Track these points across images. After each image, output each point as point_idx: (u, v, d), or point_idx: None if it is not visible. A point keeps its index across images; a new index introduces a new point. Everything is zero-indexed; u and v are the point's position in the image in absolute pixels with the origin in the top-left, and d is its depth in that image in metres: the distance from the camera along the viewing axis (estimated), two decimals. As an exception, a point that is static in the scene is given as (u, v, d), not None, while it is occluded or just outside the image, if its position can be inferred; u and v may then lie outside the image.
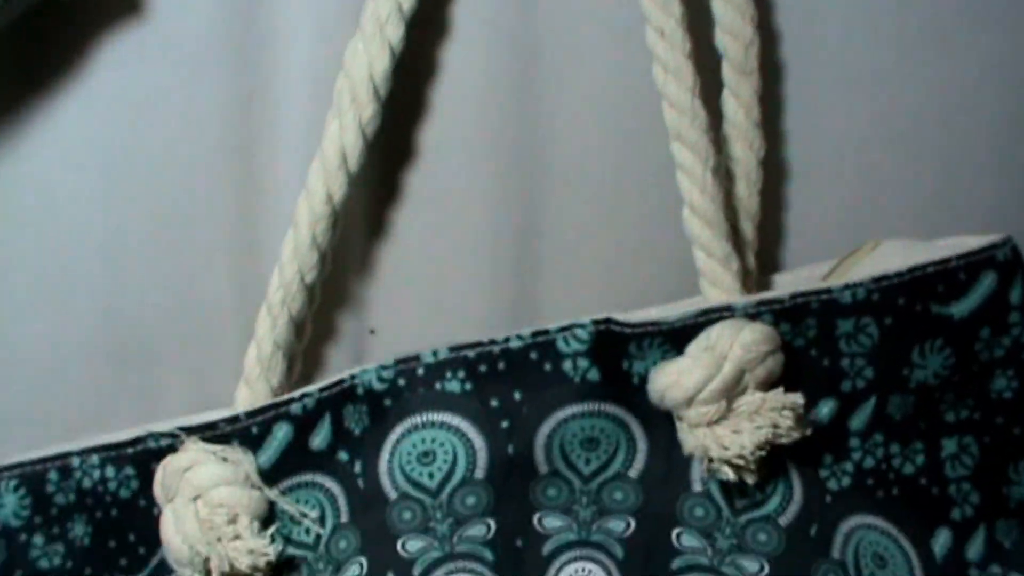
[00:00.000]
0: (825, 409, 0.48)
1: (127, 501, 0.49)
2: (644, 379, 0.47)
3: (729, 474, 0.45)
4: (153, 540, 0.49)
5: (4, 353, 0.55)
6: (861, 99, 0.53)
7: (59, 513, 0.50)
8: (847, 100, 0.53)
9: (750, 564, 0.47)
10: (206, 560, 0.46)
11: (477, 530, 0.47)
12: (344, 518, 0.48)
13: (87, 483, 0.49)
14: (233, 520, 0.47)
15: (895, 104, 0.53)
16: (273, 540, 0.47)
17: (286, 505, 0.48)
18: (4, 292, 0.54)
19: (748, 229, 0.51)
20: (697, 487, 0.48)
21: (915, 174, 0.53)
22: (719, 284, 0.48)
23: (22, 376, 0.55)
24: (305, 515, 0.48)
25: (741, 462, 0.45)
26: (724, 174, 0.50)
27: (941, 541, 0.49)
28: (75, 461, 0.50)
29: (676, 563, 0.47)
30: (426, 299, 0.53)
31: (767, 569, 0.47)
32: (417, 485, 0.47)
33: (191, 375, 0.54)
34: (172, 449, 0.49)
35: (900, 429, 0.48)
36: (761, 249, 0.51)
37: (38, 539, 0.50)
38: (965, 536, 0.49)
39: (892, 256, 0.49)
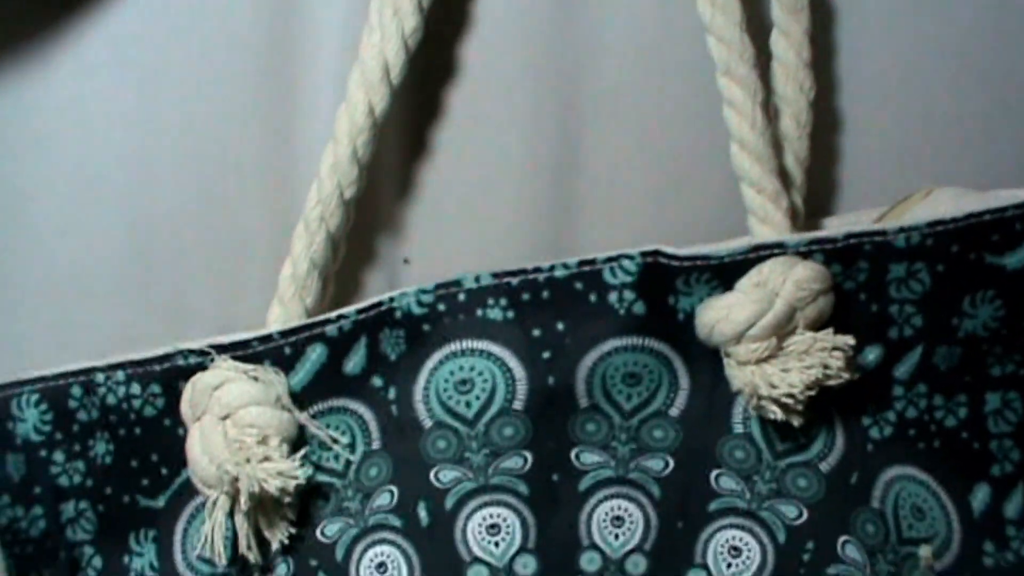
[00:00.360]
0: (871, 356, 0.47)
1: (152, 420, 0.48)
2: (690, 316, 0.46)
3: (777, 413, 0.44)
4: (177, 462, 0.48)
5: (32, 273, 0.53)
6: (915, 45, 0.52)
7: (81, 430, 0.49)
8: (900, 45, 0.52)
9: (788, 509, 0.46)
10: (234, 481, 0.45)
11: (513, 462, 0.46)
12: (376, 445, 0.47)
13: (111, 400, 0.48)
14: (263, 441, 0.46)
15: (951, 51, 0.52)
16: (303, 464, 0.46)
17: (316, 430, 0.47)
18: (33, 210, 0.53)
19: (796, 172, 0.50)
20: (738, 429, 0.47)
21: (971, 123, 0.52)
22: (769, 222, 0.47)
23: (49, 297, 0.54)
24: (336, 441, 0.47)
25: (789, 401, 0.44)
26: (773, 114, 0.49)
27: (980, 497, 0.48)
28: (100, 377, 0.48)
29: (713, 505, 0.46)
30: (462, 226, 0.51)
31: (806, 515, 0.46)
32: (453, 413, 0.46)
33: (221, 295, 0.53)
34: (201, 367, 0.47)
35: (945, 381, 0.47)
36: (808, 195, 0.50)
37: (59, 455, 0.49)
38: (1004, 493, 0.48)
39: (945, 204, 0.48)
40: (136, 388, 0.48)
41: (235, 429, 0.46)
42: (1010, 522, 0.48)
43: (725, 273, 0.46)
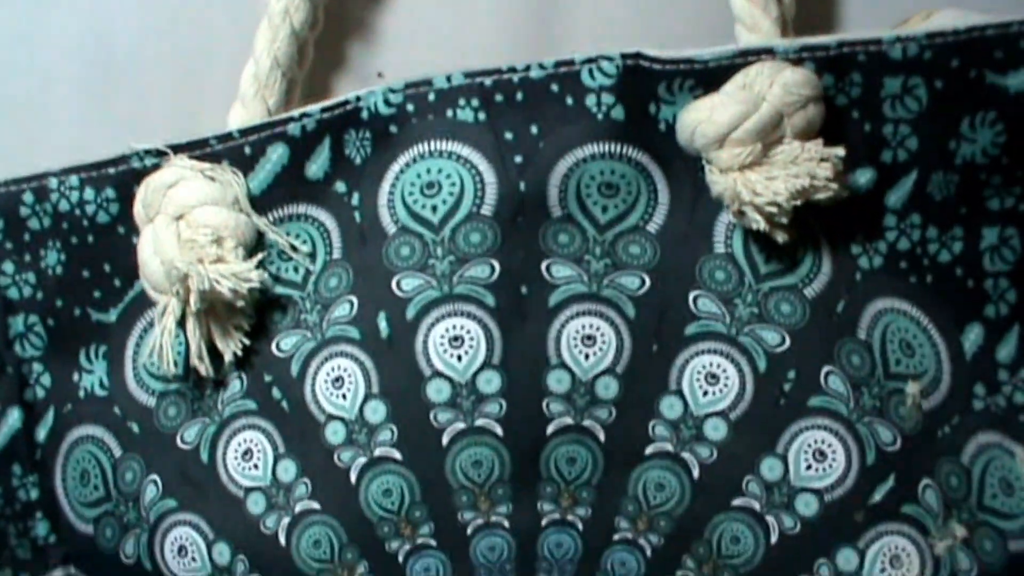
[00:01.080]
0: (863, 179, 0.44)
1: (105, 227, 0.46)
2: (671, 127, 0.44)
3: (760, 223, 0.42)
4: (130, 272, 0.46)
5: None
6: None
7: (32, 239, 0.47)
8: None
9: (770, 336, 0.44)
10: (184, 280, 0.43)
11: (480, 271, 0.44)
12: (337, 254, 0.45)
13: (64, 206, 0.46)
14: (218, 243, 0.43)
15: None
16: (259, 267, 0.44)
17: (276, 236, 0.45)
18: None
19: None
20: (720, 248, 0.44)
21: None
22: (757, 30, 0.44)
23: (6, 109, 0.51)
24: (296, 249, 0.45)
25: (774, 210, 0.42)
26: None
27: (972, 338, 0.45)
28: (53, 183, 0.46)
29: (691, 328, 0.44)
30: (438, 37, 0.49)
31: (788, 342, 0.44)
32: (418, 218, 0.44)
33: (181, 103, 0.50)
34: (157, 170, 0.45)
35: (939, 212, 0.45)
36: (798, 17, 0.47)
37: (8, 266, 0.47)
38: (998, 336, 0.46)
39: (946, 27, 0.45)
40: (90, 193, 0.46)
41: (189, 229, 0.44)
42: (1003, 366, 0.46)
43: (710, 79, 0.43)
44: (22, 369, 0.48)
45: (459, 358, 0.43)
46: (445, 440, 0.43)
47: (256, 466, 0.45)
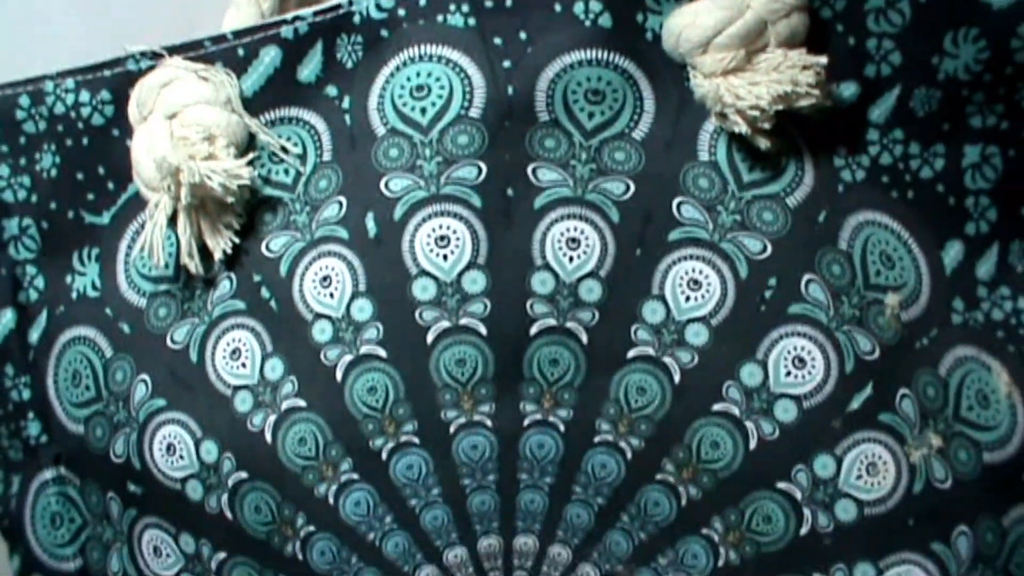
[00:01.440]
0: (846, 93, 0.45)
1: (100, 129, 0.47)
2: (658, 37, 0.45)
3: (742, 126, 0.42)
4: (124, 175, 0.47)
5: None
6: None
7: (28, 143, 0.47)
8: None
9: (752, 243, 0.44)
10: (176, 174, 0.43)
11: (467, 172, 0.44)
12: (327, 157, 0.45)
13: (60, 109, 0.47)
14: (209, 140, 0.44)
15: None
16: (250, 164, 0.44)
17: (267, 137, 0.45)
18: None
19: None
20: (704, 156, 0.45)
21: None
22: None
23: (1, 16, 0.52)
24: (286, 151, 0.45)
25: (756, 114, 0.42)
26: None
27: (952, 254, 0.46)
28: (48, 86, 0.47)
29: (673, 235, 0.45)
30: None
31: (769, 250, 0.44)
32: (407, 120, 0.45)
33: (177, 8, 0.51)
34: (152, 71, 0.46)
35: (922, 128, 0.45)
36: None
37: (3, 170, 0.48)
38: (977, 252, 0.46)
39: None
40: (85, 96, 0.47)
41: (182, 128, 0.44)
42: (982, 283, 0.47)
43: None
44: (16, 271, 0.49)
45: (445, 257, 0.44)
46: (430, 338, 0.44)
47: (244, 365, 0.45)
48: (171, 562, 0.47)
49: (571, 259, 0.44)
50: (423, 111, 0.44)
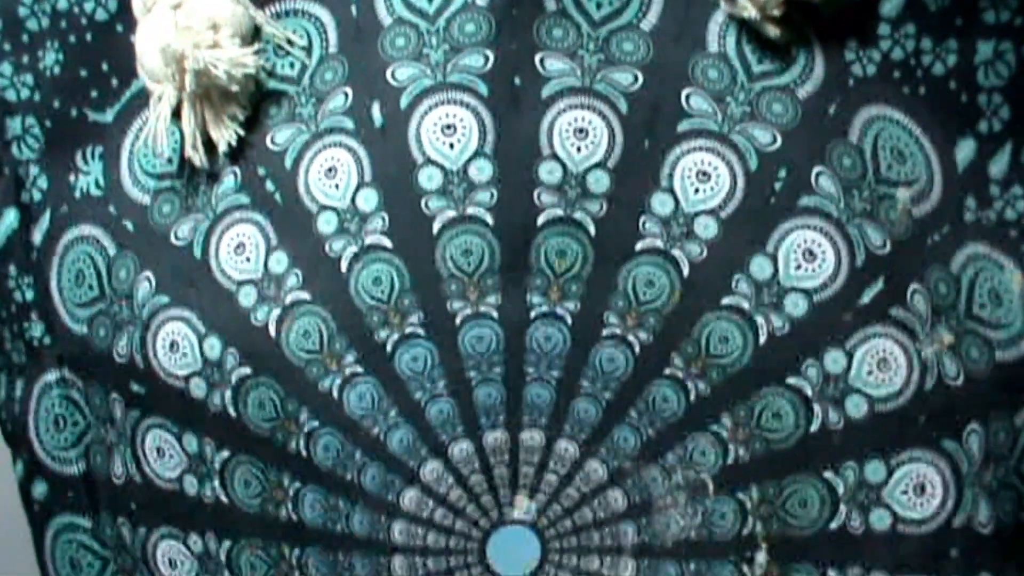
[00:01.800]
0: (856, -16, 0.44)
1: (104, 24, 0.46)
2: (665, -76, 0.44)
3: (750, 10, 0.42)
4: (128, 71, 0.47)
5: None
6: None
7: (31, 40, 0.47)
8: None
9: (762, 134, 0.44)
10: (180, 61, 0.43)
11: (473, 60, 0.44)
12: (332, 48, 0.45)
13: (63, 5, 0.46)
14: (214, 29, 0.44)
15: None
16: (255, 53, 0.44)
17: (272, 29, 0.45)
18: None
19: None
20: (713, 47, 0.44)
21: None
22: None
23: None
24: (292, 43, 0.45)
25: (765, -3, 0.42)
26: None
27: (964, 151, 0.46)
28: (52, -19, 0.46)
29: (683, 126, 0.44)
30: None
31: (779, 142, 0.44)
32: (414, 8, 0.44)
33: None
34: (157, -34, 0.45)
35: (935, 22, 0.45)
36: None
37: (6, 68, 0.47)
38: (990, 151, 0.46)
39: None
40: (89, -10, 0.46)
41: (186, 18, 0.44)
42: (994, 181, 0.46)
43: None
44: (19, 171, 0.48)
45: (451, 146, 0.43)
46: (435, 228, 0.43)
47: (248, 259, 0.45)
48: (175, 463, 0.46)
49: (579, 149, 0.43)
50: (430, 0, 0.44)
